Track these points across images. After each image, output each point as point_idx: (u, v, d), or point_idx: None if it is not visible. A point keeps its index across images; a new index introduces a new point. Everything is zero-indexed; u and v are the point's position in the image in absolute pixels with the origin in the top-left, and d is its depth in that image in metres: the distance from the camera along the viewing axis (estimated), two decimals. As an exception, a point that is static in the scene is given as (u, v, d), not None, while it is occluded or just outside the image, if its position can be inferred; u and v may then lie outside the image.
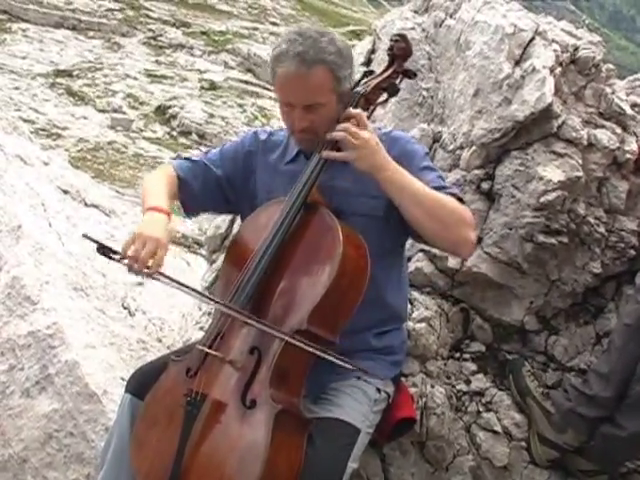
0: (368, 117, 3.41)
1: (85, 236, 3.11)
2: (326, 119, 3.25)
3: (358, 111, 3.25)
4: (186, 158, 3.65)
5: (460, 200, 3.29)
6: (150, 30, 29.17)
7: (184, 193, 3.52)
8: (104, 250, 3.06)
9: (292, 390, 3.09)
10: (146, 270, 3.05)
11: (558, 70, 4.06)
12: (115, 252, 3.06)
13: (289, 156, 3.52)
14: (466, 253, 3.37)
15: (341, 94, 3.28)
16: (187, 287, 3.12)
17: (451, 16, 4.48)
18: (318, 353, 3.02)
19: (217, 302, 3.16)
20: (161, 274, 3.08)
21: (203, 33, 29.65)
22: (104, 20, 29.09)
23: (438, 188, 3.25)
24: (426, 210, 3.16)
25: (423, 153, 3.45)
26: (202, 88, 24.22)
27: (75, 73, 23.60)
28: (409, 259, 3.97)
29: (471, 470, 4.00)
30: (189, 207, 3.60)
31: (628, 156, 4.09)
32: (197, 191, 3.54)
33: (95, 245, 3.07)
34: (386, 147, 3.28)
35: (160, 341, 4.95)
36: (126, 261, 3.06)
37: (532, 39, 4.08)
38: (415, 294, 4.05)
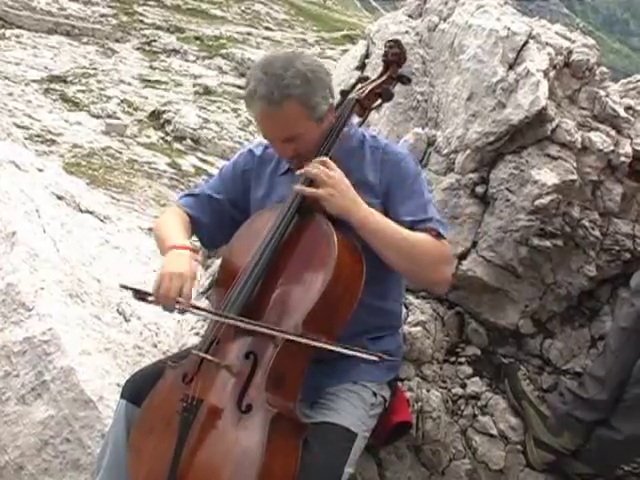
0: (362, 122, 3.42)
1: (122, 286, 3.33)
2: (310, 144, 3.30)
3: (325, 158, 3.27)
4: (189, 194, 3.69)
5: (438, 234, 3.29)
6: (144, 35, 29.16)
7: (198, 229, 3.59)
8: (140, 295, 3.20)
9: (288, 394, 3.09)
10: (178, 306, 3.15)
11: (552, 73, 4.06)
12: (150, 295, 3.18)
13: (283, 168, 3.54)
14: (440, 290, 3.49)
15: (319, 117, 3.30)
16: (221, 315, 3.18)
17: (445, 20, 4.48)
18: (319, 345, 3.02)
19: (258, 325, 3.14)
20: (193, 306, 3.20)
21: (197, 38, 29.64)
22: (98, 26, 29.09)
23: (416, 222, 3.27)
24: (398, 253, 3.21)
25: (417, 174, 3.44)
26: (196, 93, 24.20)
27: (69, 79, 23.57)
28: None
29: (467, 474, 4.00)
30: (206, 241, 3.70)
31: (622, 159, 4.10)
32: (209, 223, 3.60)
33: (131, 292, 3.26)
34: (378, 160, 3.31)
35: (156, 347, 4.94)
36: (159, 302, 3.17)
37: (526, 42, 4.09)
38: (410, 298, 4.05)
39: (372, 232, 3.20)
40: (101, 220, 5.84)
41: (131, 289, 3.24)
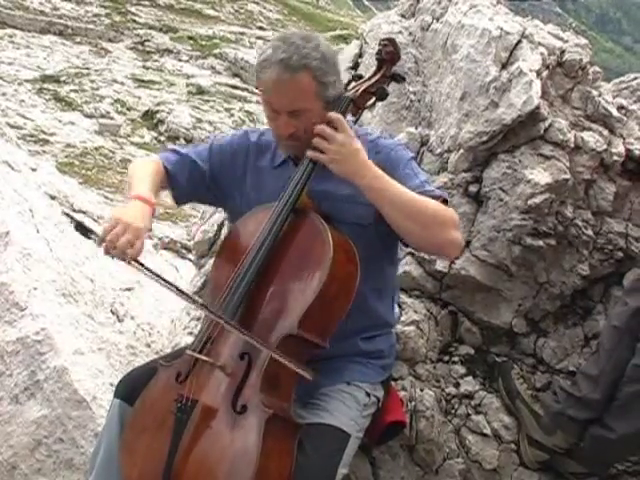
0: (356, 121, 3.41)
1: (67, 215, 3.19)
2: (311, 125, 3.22)
3: (337, 115, 3.22)
4: (174, 150, 3.63)
5: (445, 202, 3.26)
6: (137, 35, 29.14)
7: (172, 185, 3.54)
8: (85, 229, 3.11)
9: (283, 395, 3.09)
10: (124, 257, 3.05)
11: (545, 73, 4.07)
12: (94, 233, 3.10)
13: (278, 160, 3.51)
14: (453, 254, 3.31)
15: (327, 101, 3.27)
16: (164, 280, 3.11)
17: (438, 20, 4.48)
18: (297, 370, 3.01)
19: (190, 298, 3.15)
20: (137, 262, 3.08)
21: (190, 38, 29.62)
22: (91, 25, 29.06)
23: (421, 193, 3.21)
24: (407, 214, 3.14)
25: (408, 159, 3.40)
26: (189, 93, 24.19)
27: (62, 79, 23.55)
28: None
29: (461, 473, 4.00)
30: (178, 198, 3.63)
31: (615, 158, 4.10)
32: (184, 184, 3.55)
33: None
34: (371, 154, 3.27)
35: (149, 346, 4.95)
36: (104, 244, 3.07)
37: (519, 42, 4.08)
38: (404, 297, 4.05)
39: (380, 195, 3.14)
40: (94, 220, 5.84)
41: (78, 222, 3.17)
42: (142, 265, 3.10)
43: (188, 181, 3.55)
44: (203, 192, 3.59)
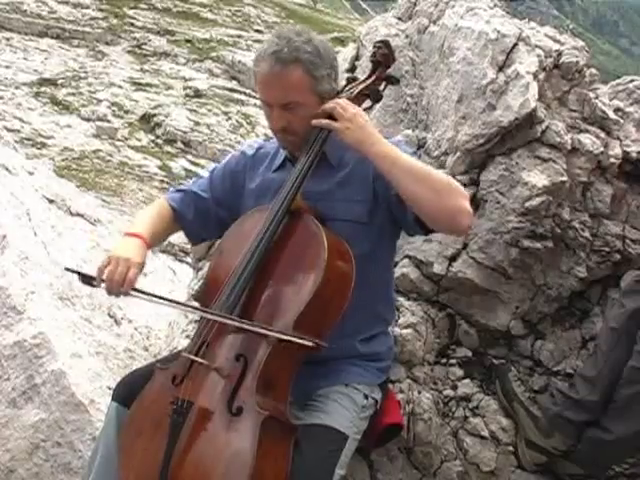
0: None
1: (67, 269, 3.35)
2: (305, 119, 3.27)
3: (341, 100, 3.28)
4: (177, 190, 3.70)
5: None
6: (134, 38, 29.14)
7: (183, 224, 3.63)
8: (85, 279, 3.24)
9: (278, 396, 3.08)
10: (122, 289, 3.18)
11: (542, 75, 4.07)
12: (94, 278, 3.21)
13: (276, 164, 3.53)
14: (464, 224, 3.19)
15: (321, 95, 3.30)
16: (167, 300, 3.25)
17: (434, 22, 4.49)
18: (302, 342, 3.01)
19: (197, 309, 3.17)
20: (137, 290, 3.21)
21: (187, 41, 29.62)
22: (88, 29, 29.05)
23: None
24: (419, 180, 3.12)
25: (412, 152, 3.44)
26: (187, 96, 24.18)
27: (59, 82, 23.54)
28: (395, 265, 3.96)
29: (459, 475, 4.00)
30: (191, 236, 3.73)
31: (612, 160, 4.11)
32: (192, 219, 3.61)
33: (77, 276, 3.25)
34: None
35: (146, 350, 4.94)
36: (103, 285, 3.19)
37: (515, 45, 4.09)
38: (401, 300, 4.06)
39: (392, 161, 3.14)
40: (92, 223, 5.84)
41: (76, 272, 3.25)
42: (143, 292, 3.22)
43: (195, 214, 3.61)
44: (213, 221, 3.64)
